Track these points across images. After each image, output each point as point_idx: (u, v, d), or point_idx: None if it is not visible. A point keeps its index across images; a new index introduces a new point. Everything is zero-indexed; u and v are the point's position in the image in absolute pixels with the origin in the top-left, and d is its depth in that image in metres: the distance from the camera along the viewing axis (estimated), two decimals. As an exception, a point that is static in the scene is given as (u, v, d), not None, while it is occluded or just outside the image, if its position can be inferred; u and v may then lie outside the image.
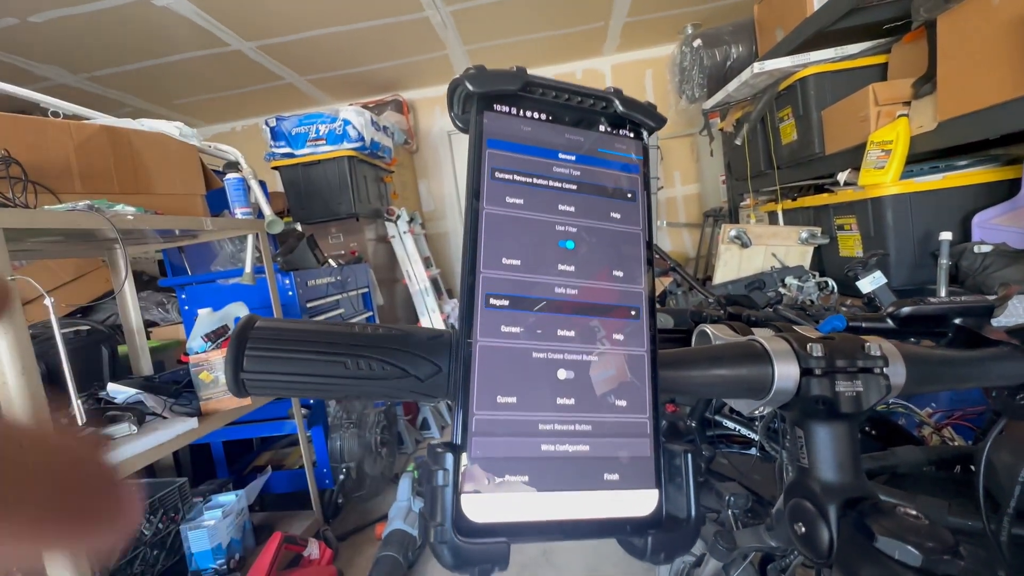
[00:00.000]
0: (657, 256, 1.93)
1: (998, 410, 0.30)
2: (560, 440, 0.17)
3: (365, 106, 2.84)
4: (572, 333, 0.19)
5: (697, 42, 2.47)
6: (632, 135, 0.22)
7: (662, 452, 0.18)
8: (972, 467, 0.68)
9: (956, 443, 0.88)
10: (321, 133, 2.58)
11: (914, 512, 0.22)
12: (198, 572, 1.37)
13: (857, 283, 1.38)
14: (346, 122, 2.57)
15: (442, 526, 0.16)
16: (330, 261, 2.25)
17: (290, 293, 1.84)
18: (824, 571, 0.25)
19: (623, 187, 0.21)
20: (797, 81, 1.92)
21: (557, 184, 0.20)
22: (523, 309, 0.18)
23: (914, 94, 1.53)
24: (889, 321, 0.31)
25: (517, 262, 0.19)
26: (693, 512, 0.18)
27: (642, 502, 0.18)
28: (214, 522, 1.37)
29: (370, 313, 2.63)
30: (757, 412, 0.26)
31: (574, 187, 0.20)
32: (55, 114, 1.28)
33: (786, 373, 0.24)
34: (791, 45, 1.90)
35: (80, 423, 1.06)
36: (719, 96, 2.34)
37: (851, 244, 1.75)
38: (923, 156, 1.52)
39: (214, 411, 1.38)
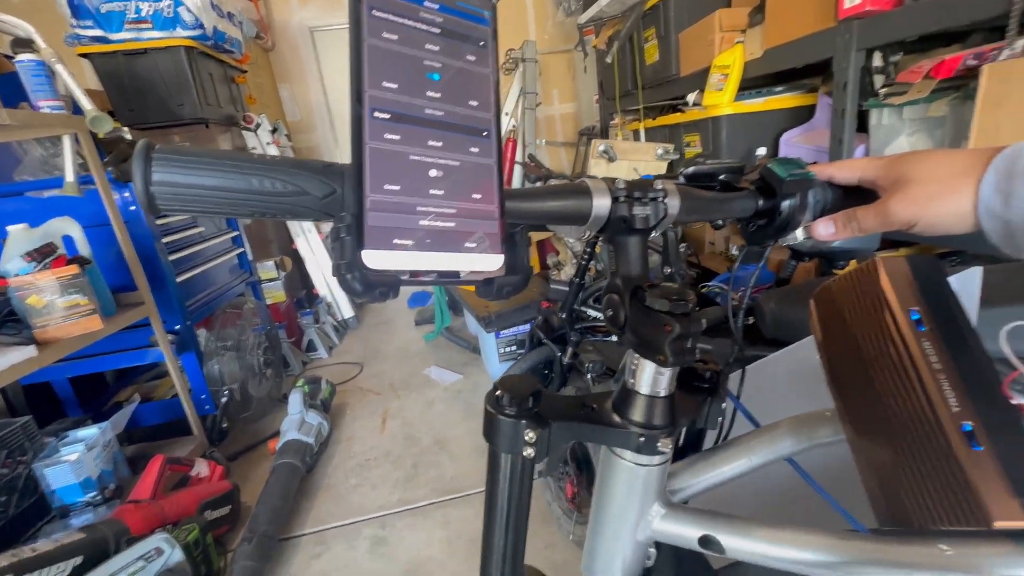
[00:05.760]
0: (533, 163, 2.04)
1: (743, 239, 0.44)
2: (433, 219, 0.24)
3: (199, -16, 2.34)
4: (440, 144, 0.25)
5: (574, -50, 2.44)
6: None
7: (505, 230, 0.26)
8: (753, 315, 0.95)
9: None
10: (144, 14, 2.10)
11: (672, 286, 0.34)
12: (66, 507, 1.28)
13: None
14: (177, 2, 2.13)
15: (351, 262, 0.23)
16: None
17: (132, 208, 1.60)
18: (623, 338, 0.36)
19: (476, 35, 0.26)
20: (660, 1, 2.04)
21: (424, 26, 0.25)
22: (401, 122, 0.24)
23: (749, 23, 1.74)
24: (680, 178, 0.42)
25: (395, 85, 0.24)
26: (523, 264, 0.27)
27: (492, 262, 0.26)
28: (77, 455, 1.27)
29: (236, 233, 2.39)
30: (585, 237, 0.35)
31: (437, 30, 0.25)
32: None
33: (601, 203, 0.33)
34: (657, -37, 1.99)
35: None
36: (592, 11, 2.39)
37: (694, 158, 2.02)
38: (754, 82, 1.77)
39: (54, 339, 1.22)
